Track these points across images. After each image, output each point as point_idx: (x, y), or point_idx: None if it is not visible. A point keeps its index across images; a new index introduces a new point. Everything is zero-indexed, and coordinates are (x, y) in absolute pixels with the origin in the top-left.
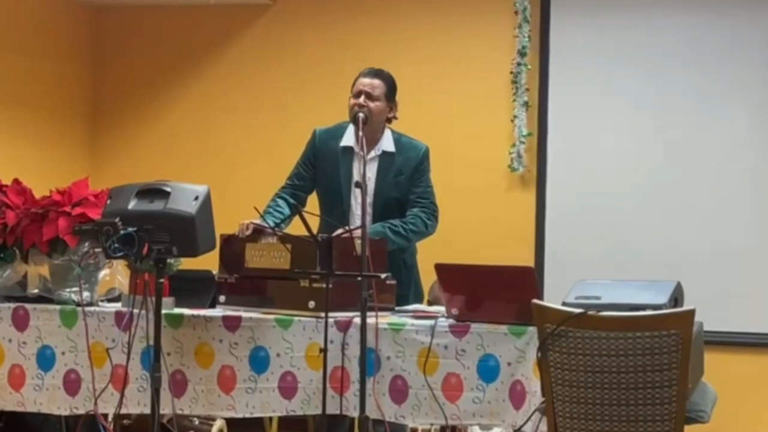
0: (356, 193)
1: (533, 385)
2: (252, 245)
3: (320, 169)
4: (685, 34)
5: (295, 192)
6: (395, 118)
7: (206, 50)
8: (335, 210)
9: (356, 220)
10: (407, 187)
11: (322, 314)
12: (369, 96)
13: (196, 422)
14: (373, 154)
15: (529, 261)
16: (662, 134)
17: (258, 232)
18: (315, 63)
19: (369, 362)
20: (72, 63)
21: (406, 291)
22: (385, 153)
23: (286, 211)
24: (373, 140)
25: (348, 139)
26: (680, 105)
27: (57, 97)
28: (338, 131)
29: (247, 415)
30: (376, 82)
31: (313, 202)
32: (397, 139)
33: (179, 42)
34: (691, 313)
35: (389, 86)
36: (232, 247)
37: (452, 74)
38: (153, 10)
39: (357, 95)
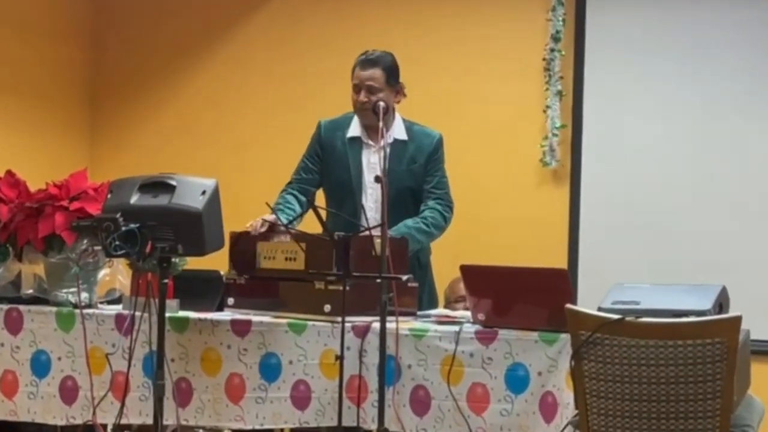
0: (368, 186)
1: (566, 397)
2: (264, 244)
3: (328, 162)
4: (732, 20)
5: (303, 187)
6: (404, 96)
7: (215, 32)
8: (345, 205)
9: (368, 215)
10: (421, 176)
11: (339, 319)
12: (370, 89)
13: None
14: (382, 142)
15: (562, 263)
16: (706, 126)
17: (270, 230)
18: (332, 45)
19: (388, 371)
20: (70, 44)
21: (419, 293)
22: (396, 141)
23: (297, 207)
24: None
25: (354, 129)
26: (725, 94)
27: (54, 82)
28: (344, 122)
29: (257, 427)
30: (375, 72)
31: (320, 199)
32: (409, 127)
33: (186, 23)
34: (737, 320)
35: (388, 71)
36: (244, 246)
37: (479, 60)
38: None
39: (356, 90)
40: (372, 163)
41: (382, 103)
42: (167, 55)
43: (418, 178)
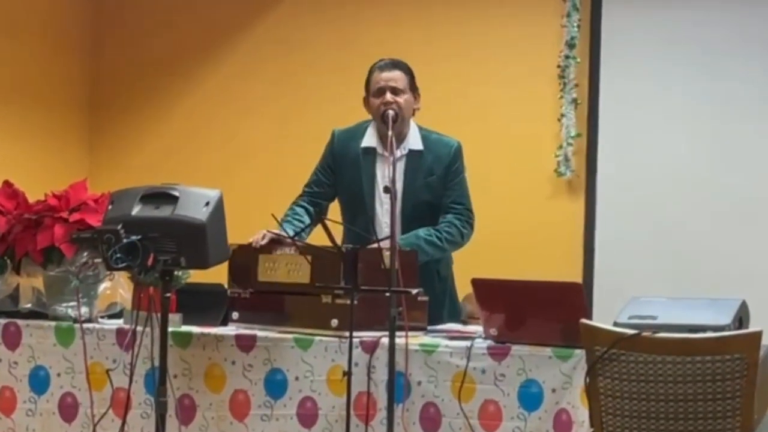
0: (382, 198)
1: (580, 415)
2: (266, 257)
3: (341, 173)
4: (751, 26)
5: (314, 200)
6: (418, 109)
7: (217, 39)
8: (359, 218)
9: (383, 228)
10: (439, 188)
11: (346, 334)
12: (394, 91)
13: None
14: (399, 153)
15: (576, 276)
16: (724, 135)
17: (275, 242)
18: (338, 53)
19: (398, 387)
20: (70, 51)
21: (439, 307)
22: (412, 152)
23: (306, 219)
24: (399, 138)
25: (369, 139)
26: (744, 103)
27: (53, 89)
28: (358, 131)
29: None
30: (398, 74)
31: (335, 211)
32: (426, 135)
33: (187, 30)
34: (757, 335)
35: (410, 75)
36: (242, 259)
37: (491, 68)
38: None
39: (380, 92)
40: (386, 175)
41: (391, 112)
42: (169, 62)
43: (436, 191)
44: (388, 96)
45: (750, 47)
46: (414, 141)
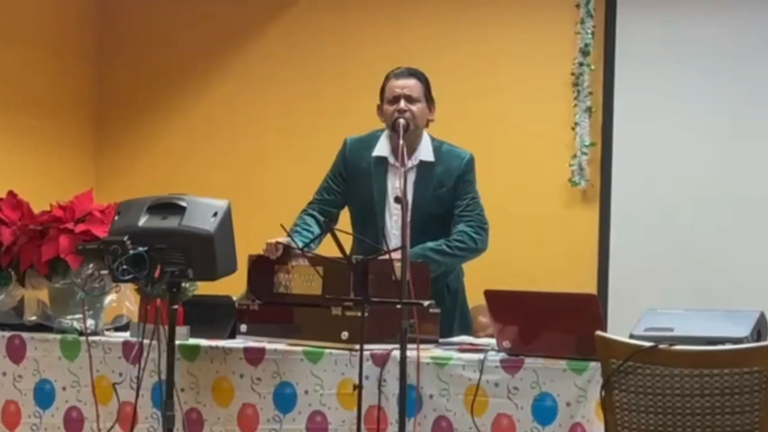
0: (392, 209)
1: (595, 429)
2: (280, 267)
3: (352, 182)
4: (767, 32)
5: (324, 208)
6: (432, 120)
7: (224, 48)
8: (369, 228)
9: (393, 240)
10: (450, 201)
11: (357, 346)
12: (409, 99)
13: None
14: (410, 164)
15: (591, 287)
16: (741, 143)
17: (285, 253)
18: (349, 61)
19: (409, 401)
20: (75, 60)
21: (450, 320)
22: (423, 163)
23: (316, 229)
24: (410, 148)
25: (381, 148)
26: (761, 110)
27: (58, 97)
28: (371, 140)
29: None
30: (413, 82)
31: (345, 220)
32: (438, 147)
33: (194, 39)
34: None
35: (425, 85)
36: (262, 270)
37: (504, 75)
38: (167, 0)
39: (395, 100)
40: (397, 187)
41: (402, 121)
42: (175, 72)
43: (445, 204)
44: (402, 104)
45: (766, 53)
46: (425, 152)
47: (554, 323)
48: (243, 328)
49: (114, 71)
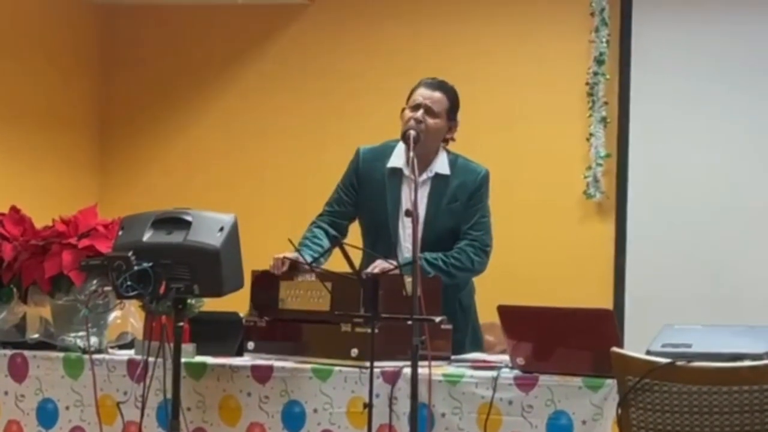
0: (405, 222)
1: None
2: (287, 283)
3: (364, 193)
4: None
5: (334, 220)
6: (453, 139)
7: (233, 58)
8: (381, 241)
9: (404, 253)
10: (462, 215)
11: (367, 364)
12: (428, 111)
13: None
14: (424, 176)
15: (607, 302)
16: (760, 154)
17: (293, 268)
18: (358, 74)
19: (421, 419)
20: (78, 70)
21: (461, 337)
22: (438, 175)
23: (325, 242)
24: (425, 160)
25: (396, 159)
26: None
27: (61, 110)
28: (385, 150)
29: None
30: (438, 95)
31: (355, 233)
32: (453, 160)
33: (201, 48)
34: None
35: (452, 102)
36: (266, 286)
37: (517, 85)
38: (171, 11)
39: (415, 108)
40: (410, 198)
41: (412, 132)
42: (180, 84)
43: (459, 218)
44: (419, 114)
45: None
46: (441, 165)
47: (569, 339)
48: (250, 345)
49: (117, 86)
